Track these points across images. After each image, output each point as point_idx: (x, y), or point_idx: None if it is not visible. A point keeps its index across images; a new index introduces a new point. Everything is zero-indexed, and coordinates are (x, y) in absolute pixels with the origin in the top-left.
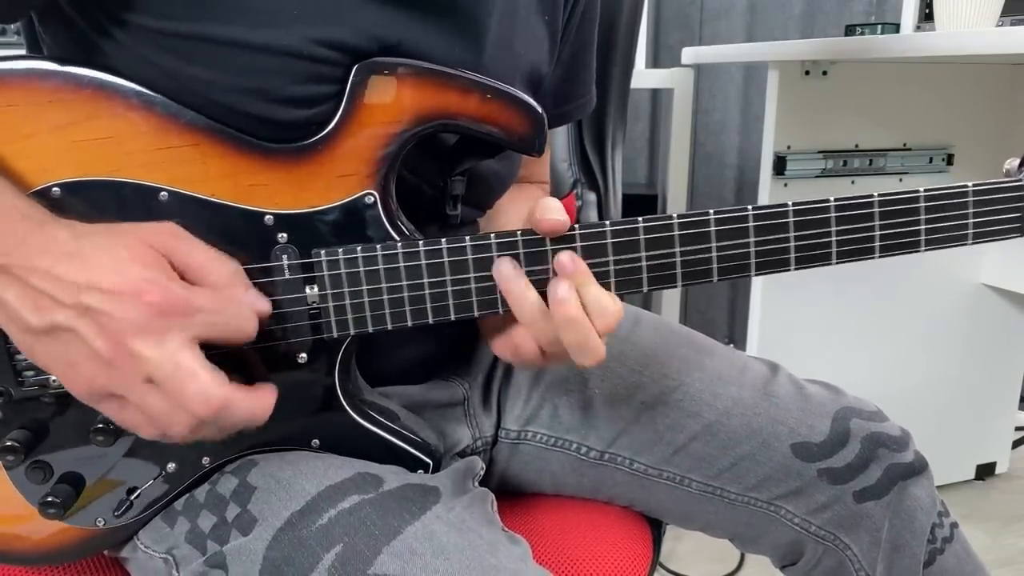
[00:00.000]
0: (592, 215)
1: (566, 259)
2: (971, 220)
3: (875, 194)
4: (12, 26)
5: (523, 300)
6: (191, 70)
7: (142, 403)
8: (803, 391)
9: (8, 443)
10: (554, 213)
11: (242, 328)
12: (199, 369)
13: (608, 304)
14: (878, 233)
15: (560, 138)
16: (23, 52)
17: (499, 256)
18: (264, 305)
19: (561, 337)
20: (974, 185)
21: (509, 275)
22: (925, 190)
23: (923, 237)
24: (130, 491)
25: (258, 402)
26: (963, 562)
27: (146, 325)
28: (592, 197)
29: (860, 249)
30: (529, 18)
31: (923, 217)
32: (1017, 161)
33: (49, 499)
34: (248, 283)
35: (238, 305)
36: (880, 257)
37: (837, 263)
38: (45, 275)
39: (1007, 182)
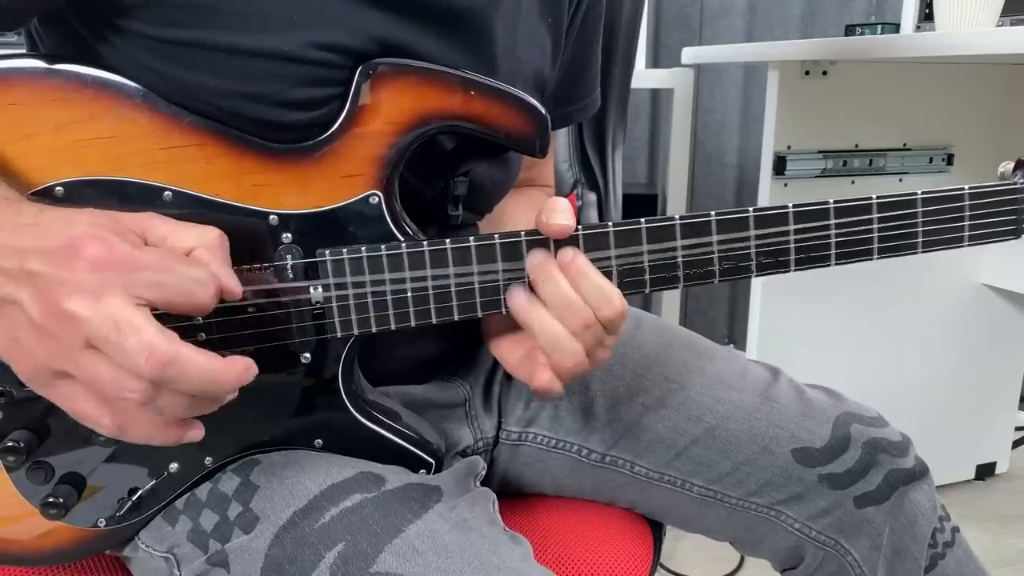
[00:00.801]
0: (592, 215)
1: (568, 252)
2: (967, 223)
3: (873, 196)
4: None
5: (544, 326)
6: (192, 77)
7: (87, 374)
8: (804, 396)
9: (9, 444)
10: (560, 216)
11: (192, 293)
12: (142, 323)
13: (611, 289)
14: (876, 235)
15: (560, 138)
16: (25, 51)
17: (511, 285)
18: (231, 283)
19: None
20: (970, 188)
21: (522, 303)
22: (922, 192)
23: (920, 239)
24: (131, 491)
25: (221, 364)
26: (964, 566)
27: (81, 282)
28: (592, 197)
29: (859, 251)
30: (532, 21)
31: (920, 219)
32: (1012, 164)
33: (50, 500)
34: (226, 257)
35: (192, 268)
36: (878, 258)
37: (836, 264)
38: (2, 249)
39: (1002, 185)
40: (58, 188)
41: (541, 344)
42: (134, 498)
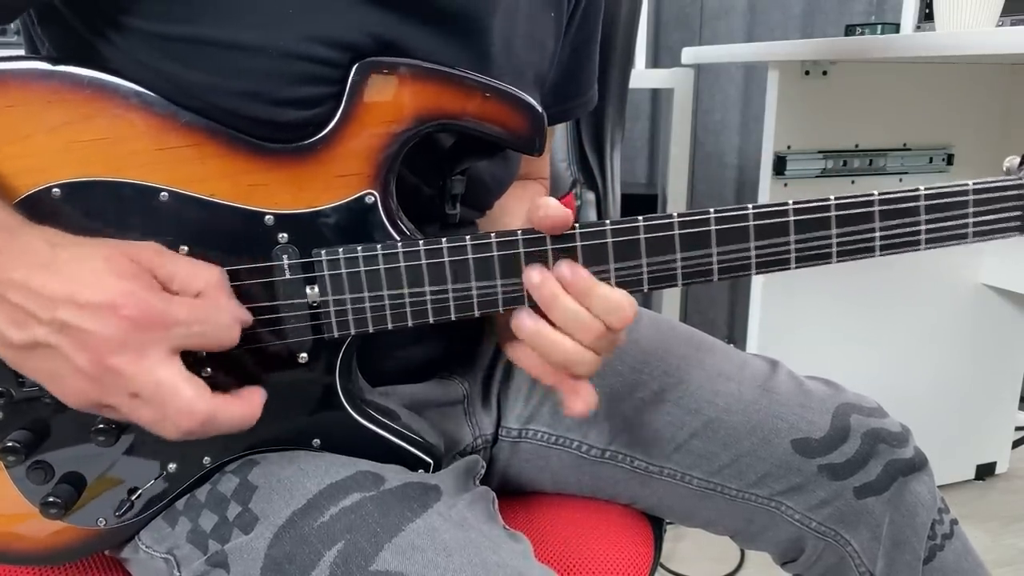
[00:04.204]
0: (591, 215)
1: (565, 270)
2: (971, 219)
3: (875, 193)
4: (12, 26)
5: (555, 349)
6: (189, 75)
7: (132, 415)
8: (803, 387)
9: (9, 444)
10: (553, 209)
11: (222, 337)
12: (180, 384)
13: (618, 299)
14: (878, 232)
15: (559, 138)
16: (22, 52)
17: (515, 311)
18: (244, 315)
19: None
20: (974, 183)
21: (529, 328)
22: (925, 188)
23: (923, 236)
24: (131, 491)
25: (245, 407)
26: (963, 559)
27: (124, 341)
28: (591, 196)
29: (860, 248)
30: (534, 16)
31: (923, 216)
32: (1017, 159)
33: (50, 499)
34: (230, 291)
35: (218, 313)
36: (881, 255)
37: (838, 262)
38: (20, 288)
39: (1007, 180)
40: (55, 189)
41: (554, 364)
42: (134, 498)
